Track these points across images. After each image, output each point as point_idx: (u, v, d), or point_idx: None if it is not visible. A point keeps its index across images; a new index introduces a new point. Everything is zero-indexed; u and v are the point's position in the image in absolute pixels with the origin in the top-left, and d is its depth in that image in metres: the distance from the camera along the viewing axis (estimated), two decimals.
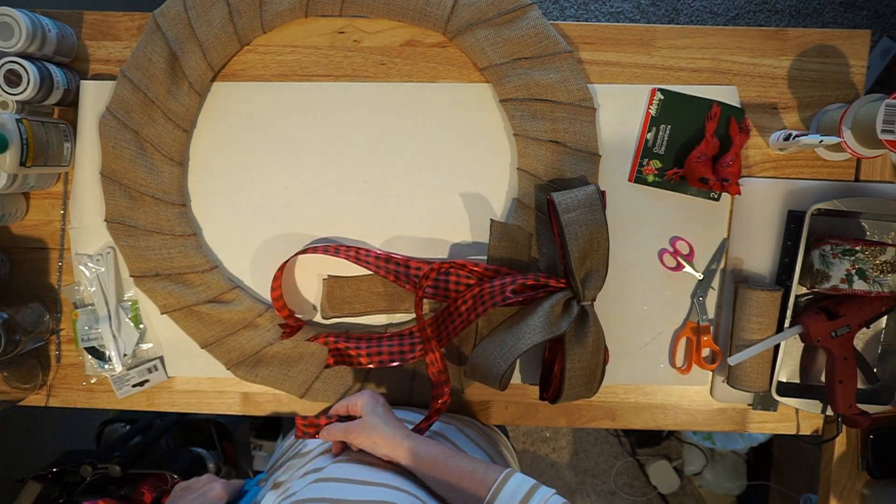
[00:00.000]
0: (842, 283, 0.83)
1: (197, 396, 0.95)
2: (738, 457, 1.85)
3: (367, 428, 0.69)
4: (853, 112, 0.79)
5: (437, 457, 0.66)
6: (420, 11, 0.86)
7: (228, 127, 0.91)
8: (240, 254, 0.92)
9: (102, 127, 0.87)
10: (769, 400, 0.92)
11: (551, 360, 0.87)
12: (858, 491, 0.94)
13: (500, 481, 0.63)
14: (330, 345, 0.86)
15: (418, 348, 0.85)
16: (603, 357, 0.82)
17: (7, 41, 0.81)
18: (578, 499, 1.93)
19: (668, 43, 0.89)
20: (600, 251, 0.80)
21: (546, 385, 0.88)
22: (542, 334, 0.78)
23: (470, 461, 0.66)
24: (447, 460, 0.66)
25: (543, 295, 0.82)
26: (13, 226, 0.94)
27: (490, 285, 0.82)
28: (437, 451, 0.67)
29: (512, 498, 0.61)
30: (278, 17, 0.87)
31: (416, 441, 0.68)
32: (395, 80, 0.90)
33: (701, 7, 1.80)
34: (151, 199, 0.88)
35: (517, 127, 0.88)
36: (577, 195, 0.81)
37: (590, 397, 0.86)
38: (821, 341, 0.85)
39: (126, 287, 0.93)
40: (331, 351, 0.86)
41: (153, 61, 0.86)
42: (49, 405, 0.95)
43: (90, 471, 1.07)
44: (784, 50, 0.89)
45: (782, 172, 0.90)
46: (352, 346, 0.85)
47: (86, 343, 0.92)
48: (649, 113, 0.89)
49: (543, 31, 0.86)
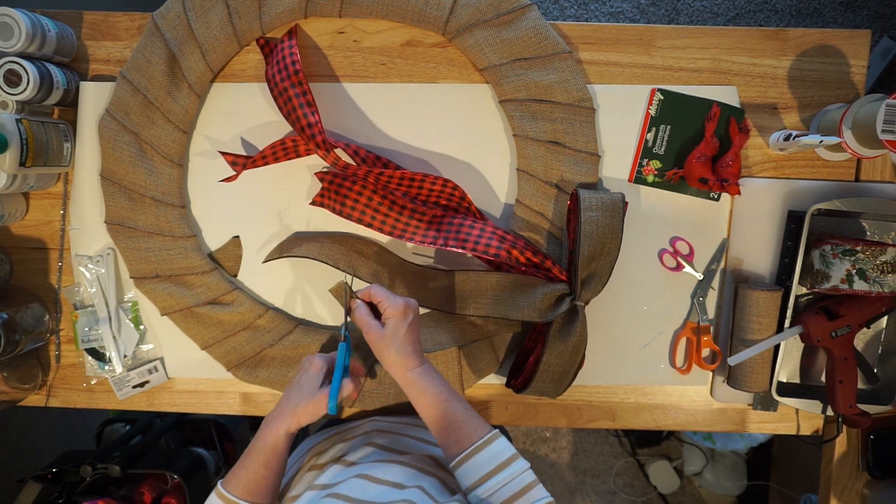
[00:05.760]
0: (842, 284, 0.83)
1: (197, 397, 0.95)
2: (738, 457, 1.85)
3: (381, 345, 0.71)
4: (853, 112, 0.79)
5: (435, 397, 0.69)
6: (419, 12, 0.86)
7: (228, 128, 0.91)
8: None
9: (102, 129, 0.87)
10: (769, 400, 0.92)
11: (529, 350, 0.87)
12: (859, 491, 0.94)
13: (484, 441, 0.65)
14: None
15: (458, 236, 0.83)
16: (579, 361, 0.83)
17: (7, 41, 0.81)
18: (578, 499, 1.93)
19: (668, 43, 0.89)
20: (609, 258, 0.81)
21: (516, 374, 0.88)
22: (530, 314, 0.81)
23: (463, 410, 0.68)
24: (443, 403, 0.68)
25: (542, 277, 0.82)
26: (13, 226, 0.94)
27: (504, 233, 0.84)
28: (435, 391, 0.69)
29: (489, 462, 0.64)
30: (277, 18, 0.87)
31: (418, 376, 0.70)
32: (395, 81, 0.90)
33: (701, 7, 1.79)
34: (151, 201, 0.88)
35: (517, 128, 0.88)
36: (602, 197, 0.81)
37: (554, 398, 0.87)
38: (821, 341, 0.85)
39: (126, 288, 0.93)
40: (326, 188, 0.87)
41: (152, 63, 0.86)
42: (49, 405, 0.95)
43: (90, 471, 1.07)
44: (784, 50, 0.89)
45: (782, 172, 0.90)
46: None
47: (86, 344, 0.92)
48: (649, 113, 0.89)
49: (543, 32, 0.86)
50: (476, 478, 0.64)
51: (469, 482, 0.64)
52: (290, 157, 0.88)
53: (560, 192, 0.88)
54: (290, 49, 0.83)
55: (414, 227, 0.86)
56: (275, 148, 0.86)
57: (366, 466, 0.69)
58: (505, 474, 0.63)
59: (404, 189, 0.86)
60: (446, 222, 0.85)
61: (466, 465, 0.65)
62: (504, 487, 0.62)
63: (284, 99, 0.83)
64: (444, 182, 0.84)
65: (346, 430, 0.84)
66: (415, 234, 0.85)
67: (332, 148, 0.83)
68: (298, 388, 0.71)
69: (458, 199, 0.87)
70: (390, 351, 0.70)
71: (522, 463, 0.64)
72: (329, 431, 0.86)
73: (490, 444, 0.65)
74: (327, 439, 0.82)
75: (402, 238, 0.85)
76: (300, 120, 0.81)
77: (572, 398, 0.94)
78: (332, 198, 0.87)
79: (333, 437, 0.82)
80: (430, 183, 0.85)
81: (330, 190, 0.87)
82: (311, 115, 0.81)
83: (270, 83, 0.85)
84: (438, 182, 0.84)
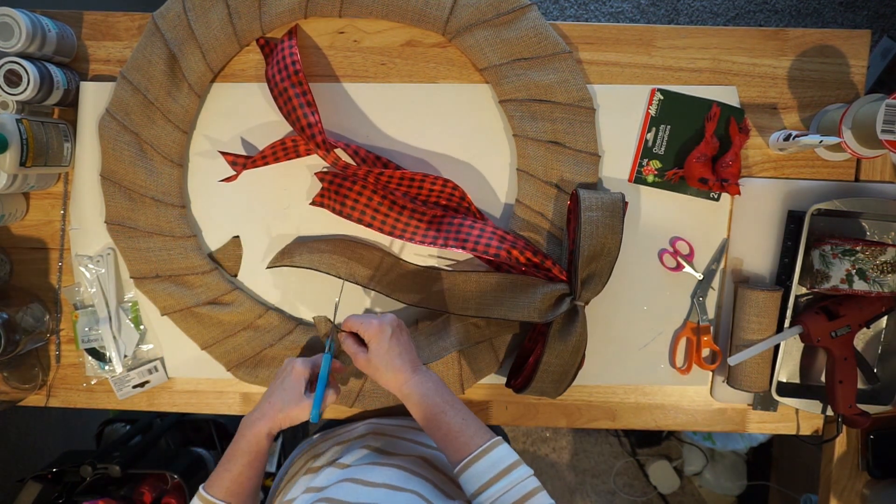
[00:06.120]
0: (842, 284, 0.83)
1: (197, 397, 0.95)
2: (738, 457, 1.85)
3: (371, 367, 0.73)
4: (853, 112, 0.79)
5: (432, 409, 0.69)
6: (419, 12, 0.86)
7: (228, 128, 0.91)
8: None
9: (102, 129, 0.87)
10: (769, 400, 0.92)
11: (529, 350, 0.87)
12: (858, 491, 0.94)
13: (483, 450, 0.65)
14: None
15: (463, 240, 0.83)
16: (579, 362, 0.83)
17: (7, 41, 0.81)
18: (578, 499, 1.93)
19: (668, 43, 0.89)
20: (608, 258, 0.81)
21: (516, 374, 0.88)
22: (531, 314, 0.81)
23: (461, 419, 0.68)
24: (439, 414, 0.69)
25: (542, 277, 0.82)
26: (13, 226, 0.94)
27: (504, 233, 0.84)
28: (432, 402, 0.70)
29: (488, 470, 0.64)
30: (277, 18, 0.87)
31: (412, 389, 0.71)
32: (395, 81, 0.90)
33: (701, 7, 1.79)
34: (151, 201, 0.88)
35: (517, 128, 0.88)
36: (602, 197, 0.82)
37: (554, 398, 0.87)
38: (821, 341, 0.85)
39: (126, 288, 0.93)
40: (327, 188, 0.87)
41: (153, 63, 0.86)
42: (49, 405, 0.95)
43: (90, 471, 1.07)
44: (784, 50, 0.89)
45: (782, 172, 0.90)
46: None
47: (86, 344, 0.92)
48: (649, 113, 0.89)
49: (542, 32, 0.86)
50: (478, 485, 0.64)
51: (472, 489, 0.64)
52: (290, 157, 0.88)
53: (560, 192, 0.88)
54: (290, 49, 0.84)
55: (414, 226, 0.86)
56: (275, 148, 0.86)
57: (358, 469, 0.69)
58: (505, 482, 0.63)
59: (404, 189, 0.86)
60: (446, 222, 0.85)
61: (467, 474, 0.65)
62: (506, 494, 0.62)
63: (284, 99, 0.83)
64: (444, 182, 0.84)
65: (343, 431, 0.84)
66: (415, 234, 0.85)
67: (332, 148, 0.83)
68: (282, 391, 0.72)
69: (458, 199, 0.87)
70: (379, 372, 0.72)
71: (524, 470, 0.64)
72: (326, 433, 0.86)
73: (488, 453, 0.65)
74: (324, 441, 0.82)
75: (402, 238, 0.85)
76: (300, 120, 0.81)
77: (572, 398, 0.94)
78: (332, 198, 0.87)
79: (330, 439, 0.82)
80: (430, 183, 0.85)
81: (330, 190, 0.87)
82: (311, 115, 0.81)
83: (270, 83, 0.85)
84: (438, 182, 0.84)
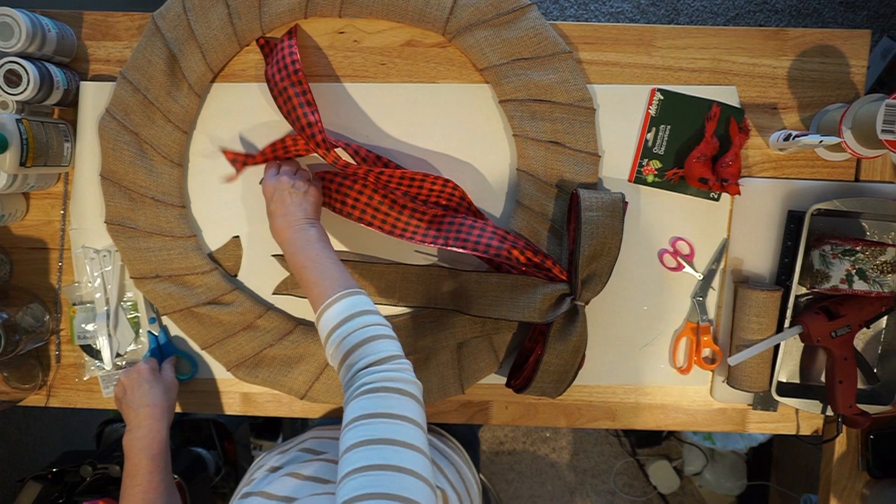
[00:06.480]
0: (842, 284, 0.83)
1: (197, 396, 0.95)
2: (738, 457, 1.85)
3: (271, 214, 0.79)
4: (853, 112, 0.79)
5: (302, 261, 0.72)
6: (419, 12, 0.86)
7: (228, 128, 0.91)
8: None
9: (102, 129, 0.87)
10: (769, 400, 0.92)
11: (529, 350, 0.87)
12: (858, 491, 0.94)
13: (338, 297, 0.67)
14: None
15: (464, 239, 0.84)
16: (579, 362, 0.83)
17: (7, 41, 0.81)
18: (578, 499, 1.93)
19: (668, 43, 0.89)
20: (609, 258, 0.81)
21: (516, 374, 0.88)
22: (531, 314, 0.81)
23: (318, 273, 0.70)
24: (302, 269, 0.72)
25: (542, 277, 0.82)
26: (13, 226, 0.94)
27: (504, 232, 0.84)
28: (303, 256, 0.73)
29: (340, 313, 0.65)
30: (277, 18, 0.87)
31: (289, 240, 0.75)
32: (395, 81, 0.90)
33: (701, 7, 1.79)
34: (151, 201, 0.88)
35: (517, 128, 0.88)
36: (603, 197, 0.82)
37: (554, 398, 0.87)
38: (821, 341, 0.85)
39: (128, 287, 0.93)
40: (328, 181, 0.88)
41: (153, 63, 0.86)
42: (49, 405, 0.95)
43: (90, 471, 1.07)
44: (784, 50, 0.89)
45: (782, 172, 0.90)
46: None
47: (81, 341, 0.92)
48: (649, 113, 0.89)
49: (542, 32, 0.86)
50: (326, 330, 0.65)
51: (323, 335, 0.66)
52: (290, 157, 0.88)
53: (560, 192, 0.88)
54: (290, 49, 0.84)
55: (414, 226, 0.86)
56: (275, 147, 0.86)
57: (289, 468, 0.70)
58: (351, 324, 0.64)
59: (404, 188, 0.86)
60: (447, 222, 0.85)
61: (321, 322, 0.66)
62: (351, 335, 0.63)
63: (284, 98, 0.83)
64: (445, 182, 0.84)
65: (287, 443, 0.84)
66: (415, 234, 0.85)
67: (332, 147, 0.83)
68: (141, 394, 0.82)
69: (459, 199, 0.87)
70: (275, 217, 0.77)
71: (376, 317, 0.65)
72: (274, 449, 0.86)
73: (341, 301, 0.66)
74: (268, 454, 0.82)
75: (402, 237, 0.85)
76: (300, 119, 0.81)
77: (572, 398, 0.94)
78: (333, 196, 0.87)
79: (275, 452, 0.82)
80: (430, 183, 0.85)
81: (330, 189, 0.87)
82: (311, 114, 0.81)
83: (270, 83, 0.85)
84: (438, 182, 0.84)
